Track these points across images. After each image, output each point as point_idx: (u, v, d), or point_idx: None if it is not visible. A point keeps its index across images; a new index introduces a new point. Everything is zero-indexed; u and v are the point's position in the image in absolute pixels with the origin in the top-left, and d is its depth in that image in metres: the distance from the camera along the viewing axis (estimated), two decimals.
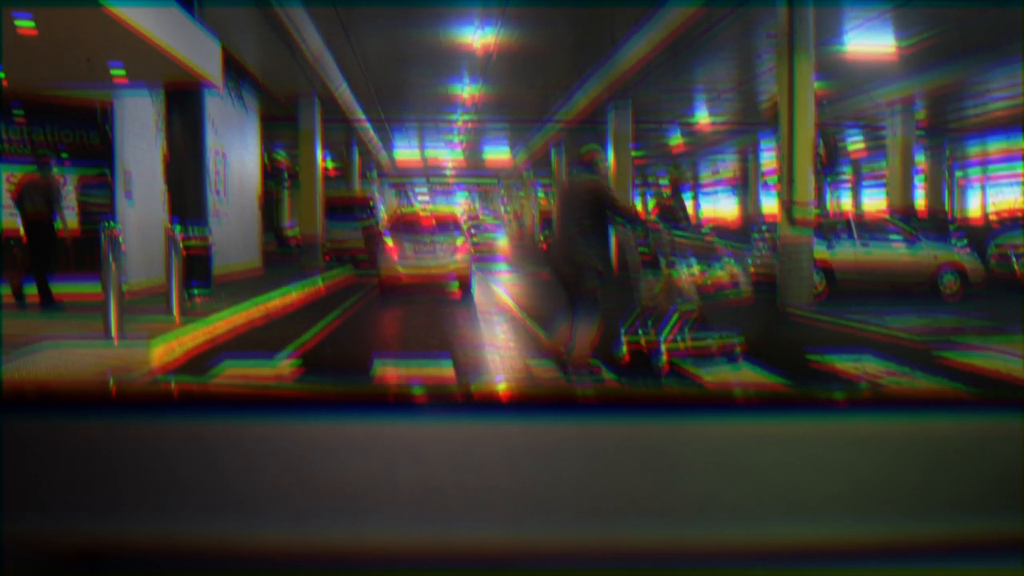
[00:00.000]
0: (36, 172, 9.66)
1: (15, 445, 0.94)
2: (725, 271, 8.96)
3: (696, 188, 44.00)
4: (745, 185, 34.90)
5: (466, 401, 1.05)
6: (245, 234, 19.43)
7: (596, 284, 5.80)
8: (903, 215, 16.69)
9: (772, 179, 23.77)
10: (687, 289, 6.68)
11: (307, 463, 0.94)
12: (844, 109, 22.33)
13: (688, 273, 6.68)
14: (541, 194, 42.74)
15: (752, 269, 11.89)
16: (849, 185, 37.64)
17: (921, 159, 24.76)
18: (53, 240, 9.44)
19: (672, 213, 7.11)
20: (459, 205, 52.07)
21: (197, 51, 10.21)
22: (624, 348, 6.58)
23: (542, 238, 34.49)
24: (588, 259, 5.77)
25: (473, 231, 26.81)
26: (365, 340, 9.21)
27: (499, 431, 0.97)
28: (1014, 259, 15.66)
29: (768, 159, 28.26)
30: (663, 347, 6.51)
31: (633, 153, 23.26)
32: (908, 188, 20.89)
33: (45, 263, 9.27)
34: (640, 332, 6.65)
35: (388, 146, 36.14)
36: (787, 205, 11.58)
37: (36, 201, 9.35)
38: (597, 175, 6.04)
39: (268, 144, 21.17)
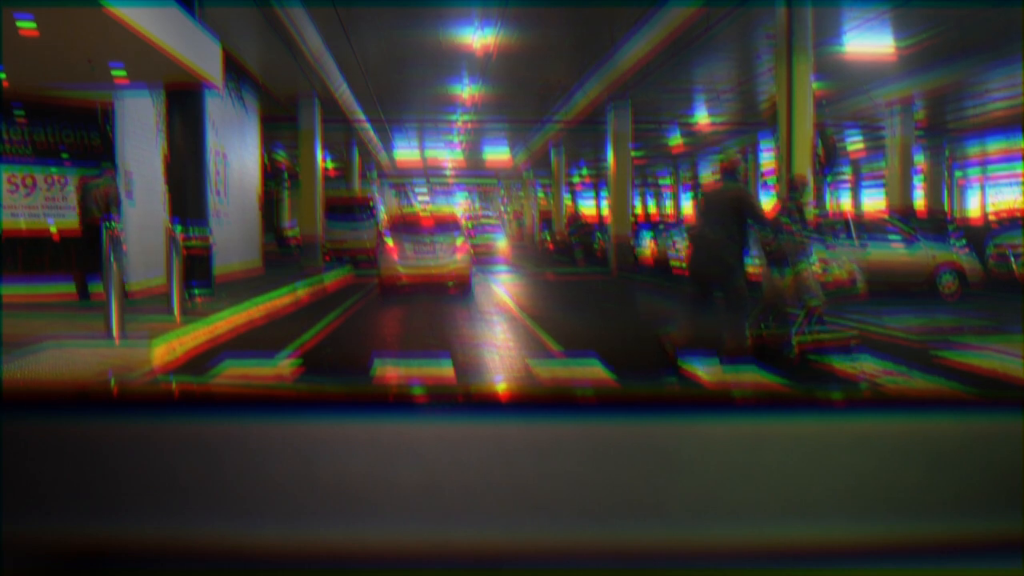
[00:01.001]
0: (96, 177, 10.49)
1: (15, 445, 0.94)
2: (844, 270, 9.46)
3: (696, 188, 43.99)
4: (745, 185, 34.88)
5: (466, 401, 1.06)
6: (245, 234, 19.43)
7: (744, 282, 6.43)
8: (902, 215, 16.69)
9: (772, 179, 23.78)
10: (813, 286, 7.22)
11: (307, 463, 0.94)
12: (843, 109, 22.34)
13: (811, 271, 7.25)
14: (541, 194, 42.75)
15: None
16: (848, 185, 37.66)
17: (920, 159, 24.77)
18: (109, 239, 9.92)
19: (791, 215, 7.44)
20: (459, 205, 52.05)
21: (197, 51, 10.21)
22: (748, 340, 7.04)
23: (547, 237, 34.42)
24: (737, 259, 6.40)
25: (474, 232, 26.75)
26: (365, 340, 9.21)
27: (499, 431, 0.97)
28: (1012, 259, 15.67)
29: (768, 159, 28.26)
30: (793, 340, 7.03)
31: (633, 153, 23.26)
32: (907, 188, 20.90)
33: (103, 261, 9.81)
34: (763, 326, 7.20)
35: (388, 146, 36.14)
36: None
37: (97, 205, 10.20)
38: (738, 182, 6.75)
39: (268, 144, 21.17)
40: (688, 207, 43.52)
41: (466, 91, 23.62)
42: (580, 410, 1.02)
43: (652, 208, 47.07)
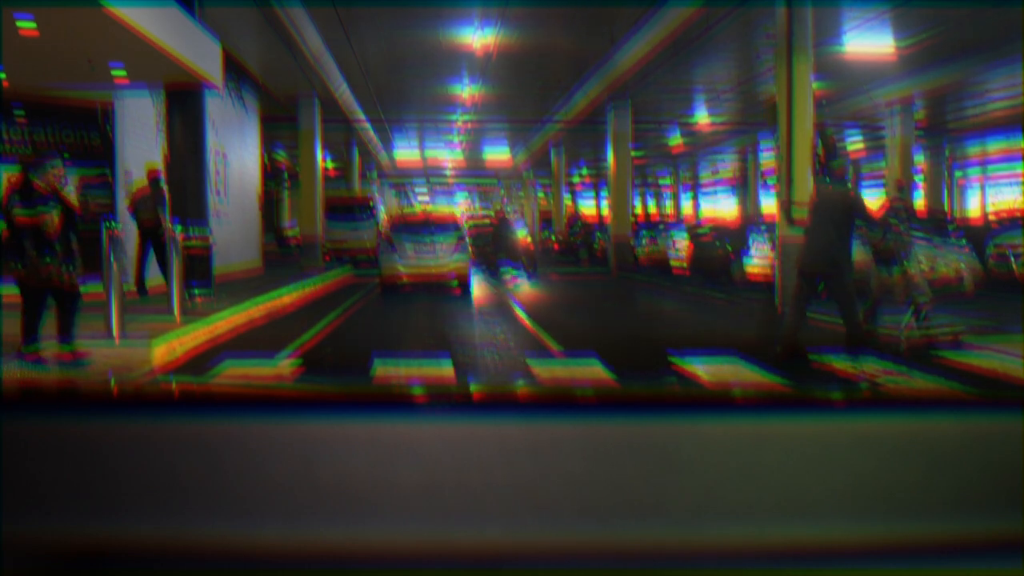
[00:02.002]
0: (147, 185, 11.05)
1: (15, 445, 0.94)
2: (951, 268, 9.71)
3: (696, 188, 44.00)
4: (745, 185, 34.91)
5: (466, 401, 1.06)
6: (245, 234, 19.42)
7: (852, 279, 6.74)
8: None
9: (772, 179, 23.78)
10: (921, 283, 7.51)
11: (307, 463, 0.94)
12: (843, 109, 22.33)
13: (919, 269, 7.54)
14: (541, 194, 42.74)
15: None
16: (848, 185, 37.60)
17: (920, 159, 24.76)
18: (163, 242, 10.21)
19: (899, 215, 7.71)
20: (459, 205, 52.06)
21: (197, 51, 10.21)
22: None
23: (554, 238, 34.31)
24: (847, 258, 6.75)
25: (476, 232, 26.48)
26: (365, 340, 9.21)
27: (499, 431, 0.97)
28: (1012, 259, 15.66)
29: (768, 159, 28.26)
30: (902, 335, 7.36)
31: (633, 153, 23.25)
32: (907, 188, 20.91)
33: (164, 262, 10.08)
34: (871, 322, 7.45)
35: (388, 146, 36.13)
36: (786, 205, 11.58)
37: (148, 209, 10.84)
38: (846, 184, 7.19)
39: (268, 144, 21.17)
40: (688, 207, 43.55)
41: (466, 91, 23.61)
42: (580, 410, 1.02)
43: (652, 208, 47.07)
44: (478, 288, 15.48)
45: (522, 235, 20.77)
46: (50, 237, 5.86)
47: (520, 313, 11.48)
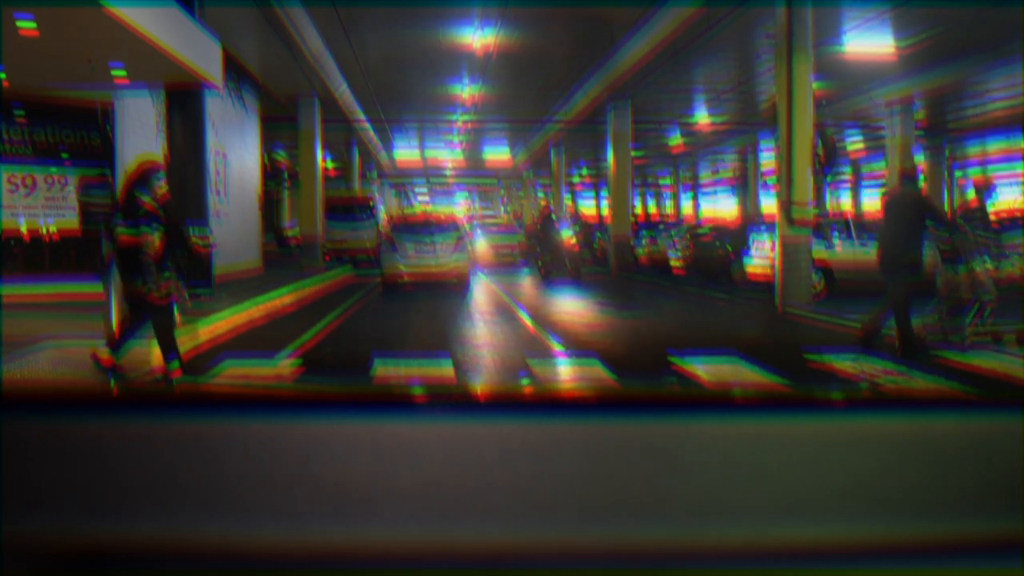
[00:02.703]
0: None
1: (15, 445, 0.94)
2: (1017, 268, 9.92)
3: (696, 188, 44.01)
4: (745, 185, 34.90)
5: (466, 401, 1.06)
6: (245, 234, 19.42)
7: (909, 280, 7.05)
8: None
9: (772, 179, 23.77)
10: (986, 282, 7.72)
11: (307, 463, 0.94)
12: (843, 109, 22.32)
13: (985, 268, 7.75)
14: (541, 194, 42.73)
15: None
16: (848, 185, 37.64)
17: (920, 159, 24.75)
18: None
19: (973, 215, 7.93)
20: (459, 205, 52.07)
21: (197, 51, 10.21)
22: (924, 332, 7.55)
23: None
24: (914, 257, 7.07)
25: (495, 232, 25.97)
26: (365, 340, 9.21)
27: (499, 431, 0.97)
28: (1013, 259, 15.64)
29: (768, 159, 28.25)
30: (967, 332, 7.59)
31: (633, 153, 23.24)
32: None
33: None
34: (936, 318, 7.71)
35: (388, 146, 36.13)
36: (786, 205, 11.58)
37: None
38: (918, 186, 7.52)
39: (268, 144, 21.16)
40: (688, 207, 43.55)
41: (466, 91, 23.61)
42: (580, 410, 1.02)
43: (652, 208, 47.07)
44: (480, 288, 15.50)
45: (566, 236, 19.30)
46: (150, 259, 5.72)
47: (520, 313, 11.48)
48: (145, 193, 5.78)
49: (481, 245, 24.89)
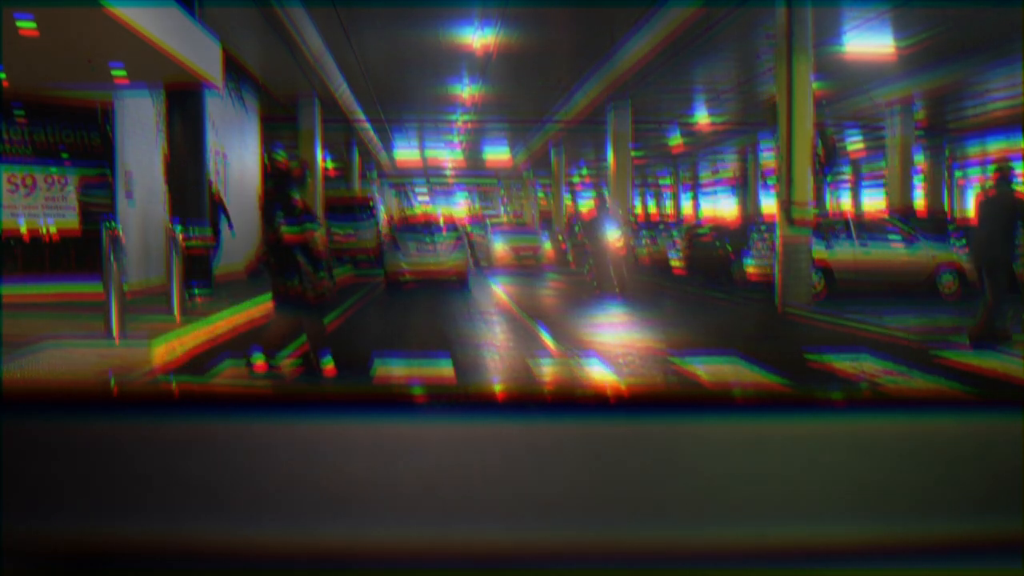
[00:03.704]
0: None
1: (15, 445, 0.94)
2: None
3: (696, 188, 44.00)
4: (745, 185, 34.90)
5: (466, 401, 1.06)
6: (245, 234, 19.40)
7: (1007, 278, 7.43)
8: (902, 215, 16.68)
9: (772, 179, 23.77)
10: None
11: (307, 463, 0.94)
12: (843, 109, 22.33)
13: None
14: (541, 194, 42.73)
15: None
16: (848, 185, 37.64)
17: (920, 159, 24.75)
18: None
19: None
20: (459, 205, 52.09)
21: (197, 51, 10.21)
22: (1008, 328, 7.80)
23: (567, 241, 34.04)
24: (1006, 255, 7.41)
25: (508, 232, 24.99)
26: (365, 339, 9.20)
27: (499, 431, 0.97)
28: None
29: (768, 159, 28.25)
30: None
31: (633, 153, 23.24)
32: (907, 188, 20.89)
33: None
34: (1009, 315, 7.85)
35: (388, 146, 36.12)
36: (786, 205, 11.58)
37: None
38: (1012, 186, 7.70)
39: (268, 144, 21.14)
40: (688, 207, 43.54)
41: (466, 91, 23.60)
42: (580, 410, 1.02)
43: (652, 208, 47.07)
44: (480, 289, 15.52)
45: (613, 238, 14.98)
46: (319, 255, 5.81)
47: (520, 313, 11.48)
48: (299, 192, 5.92)
49: (498, 249, 23.22)
